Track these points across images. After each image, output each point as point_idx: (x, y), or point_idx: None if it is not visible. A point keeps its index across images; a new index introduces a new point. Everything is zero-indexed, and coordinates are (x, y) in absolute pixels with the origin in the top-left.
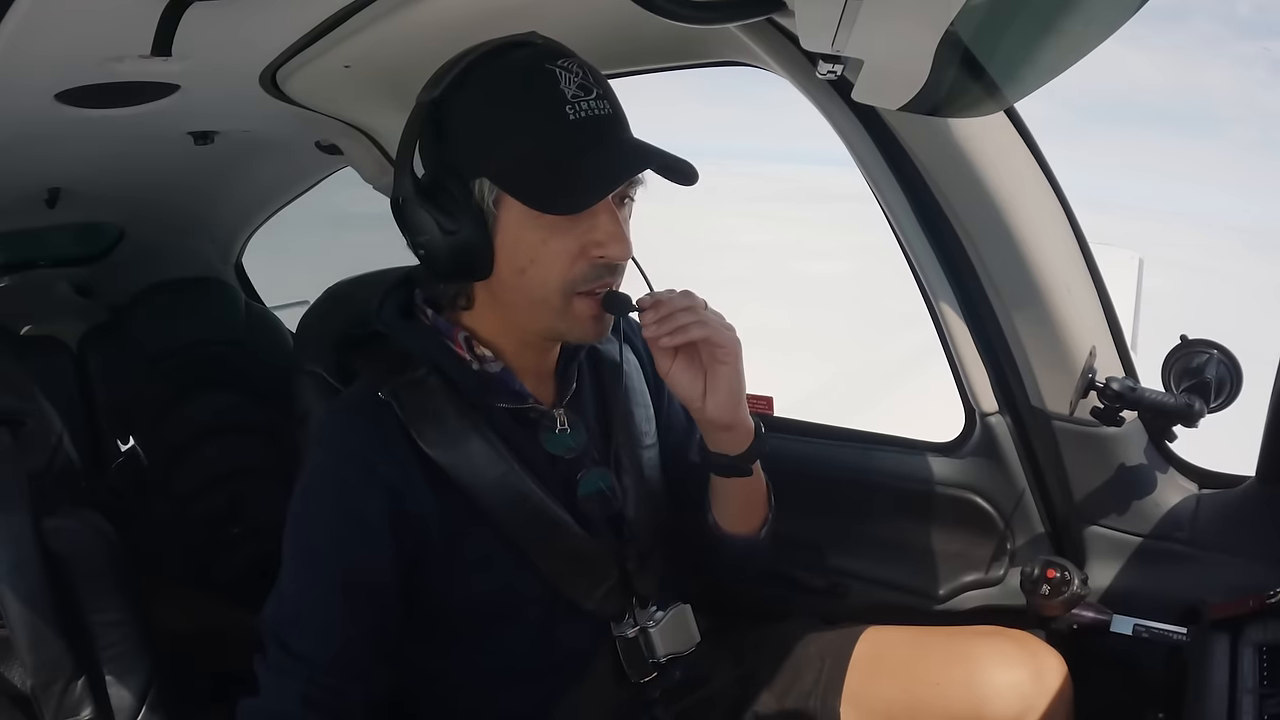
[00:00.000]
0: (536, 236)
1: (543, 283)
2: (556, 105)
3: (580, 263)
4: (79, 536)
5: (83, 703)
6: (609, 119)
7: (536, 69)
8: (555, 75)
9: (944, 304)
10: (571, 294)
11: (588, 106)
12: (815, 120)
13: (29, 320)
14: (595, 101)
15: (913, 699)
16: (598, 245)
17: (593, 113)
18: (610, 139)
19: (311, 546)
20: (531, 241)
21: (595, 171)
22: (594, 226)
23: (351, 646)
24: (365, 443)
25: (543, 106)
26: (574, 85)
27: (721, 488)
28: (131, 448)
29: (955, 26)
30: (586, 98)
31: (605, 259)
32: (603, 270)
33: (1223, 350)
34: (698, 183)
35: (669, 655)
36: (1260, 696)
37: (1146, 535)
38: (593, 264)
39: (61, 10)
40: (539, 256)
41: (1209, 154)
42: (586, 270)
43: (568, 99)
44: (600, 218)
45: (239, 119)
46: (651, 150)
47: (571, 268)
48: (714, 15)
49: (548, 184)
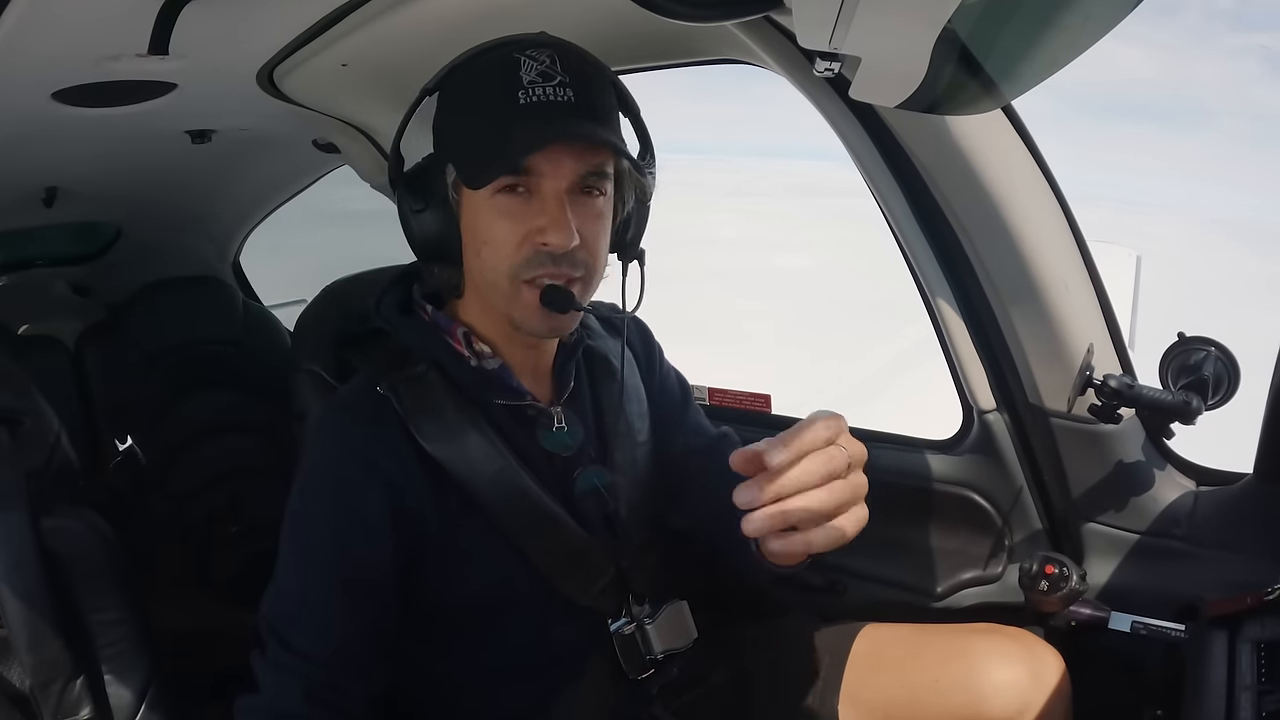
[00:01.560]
0: (488, 219)
1: (494, 266)
2: (510, 91)
3: (525, 248)
4: (77, 536)
5: (81, 702)
6: (564, 105)
7: (505, 59)
8: (519, 63)
9: (942, 302)
10: (519, 280)
11: (543, 92)
12: (799, 115)
13: (27, 319)
14: (554, 88)
15: (911, 696)
16: (540, 231)
17: (546, 98)
18: (552, 120)
19: (311, 543)
20: (484, 224)
21: (518, 146)
22: (539, 211)
23: (351, 643)
24: (364, 438)
25: (499, 92)
26: (534, 73)
27: None
28: (129, 447)
29: (952, 24)
30: (545, 84)
31: (547, 246)
32: (545, 258)
33: (1220, 347)
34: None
35: (666, 652)
36: (1258, 693)
37: (1144, 532)
38: (536, 249)
39: (58, 9)
40: (490, 239)
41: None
42: (530, 255)
43: (523, 85)
44: (548, 203)
45: (236, 117)
46: (586, 132)
47: (516, 252)
48: (712, 13)
49: (480, 160)
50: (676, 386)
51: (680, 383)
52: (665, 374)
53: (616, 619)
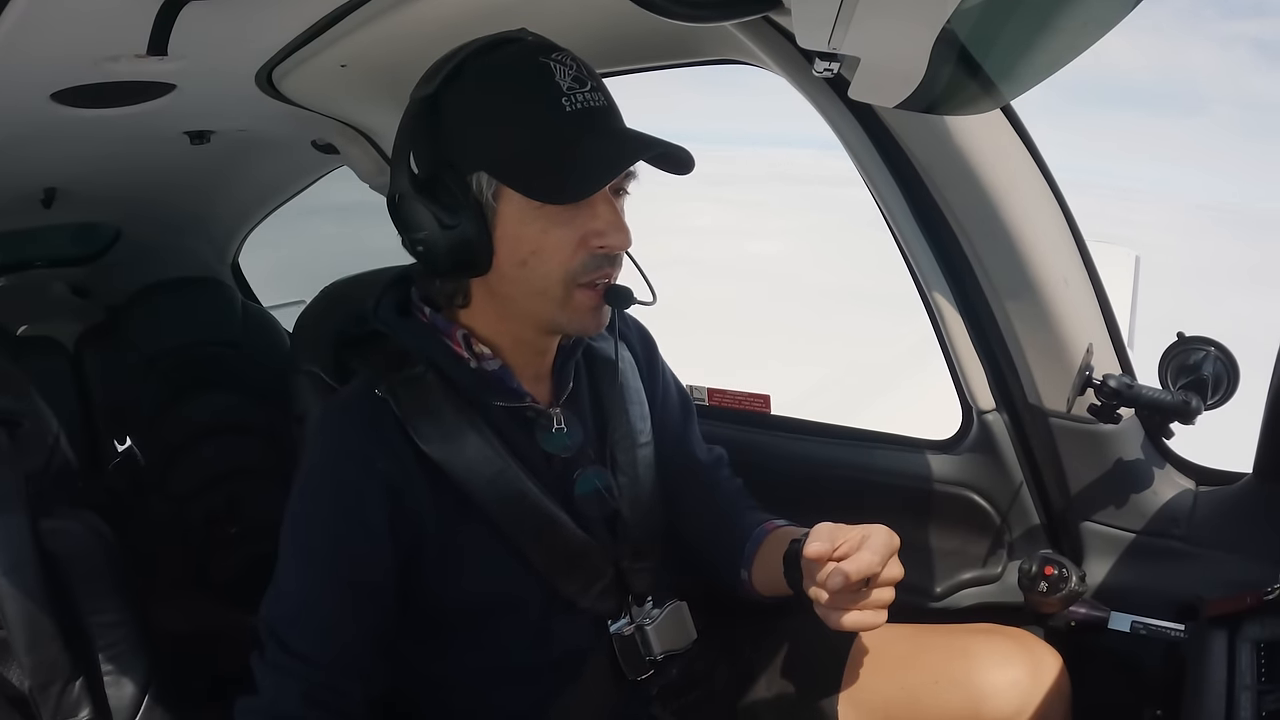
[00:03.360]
0: (537, 228)
1: (544, 274)
2: (553, 97)
3: (581, 253)
4: (76, 537)
5: (81, 703)
6: (604, 110)
7: (531, 62)
8: (550, 68)
9: (941, 301)
10: (573, 285)
11: (583, 98)
12: (782, 103)
13: (26, 321)
14: (590, 94)
15: (910, 696)
16: (598, 235)
17: (588, 104)
18: (607, 129)
19: (310, 545)
20: (532, 233)
21: (595, 160)
22: (594, 216)
23: (351, 645)
24: (362, 440)
25: (539, 99)
26: (569, 78)
27: (770, 550)
28: (128, 448)
29: (951, 24)
30: (581, 90)
31: (606, 248)
32: (602, 260)
33: (1219, 347)
34: None
35: (666, 653)
36: (1258, 693)
37: (1144, 532)
38: (593, 254)
39: (57, 10)
40: (540, 248)
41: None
42: (587, 260)
43: (564, 91)
44: (599, 207)
45: (235, 118)
46: (649, 139)
47: (573, 258)
48: (710, 13)
49: (548, 175)
50: (677, 398)
51: (681, 394)
52: (667, 384)
53: (616, 620)
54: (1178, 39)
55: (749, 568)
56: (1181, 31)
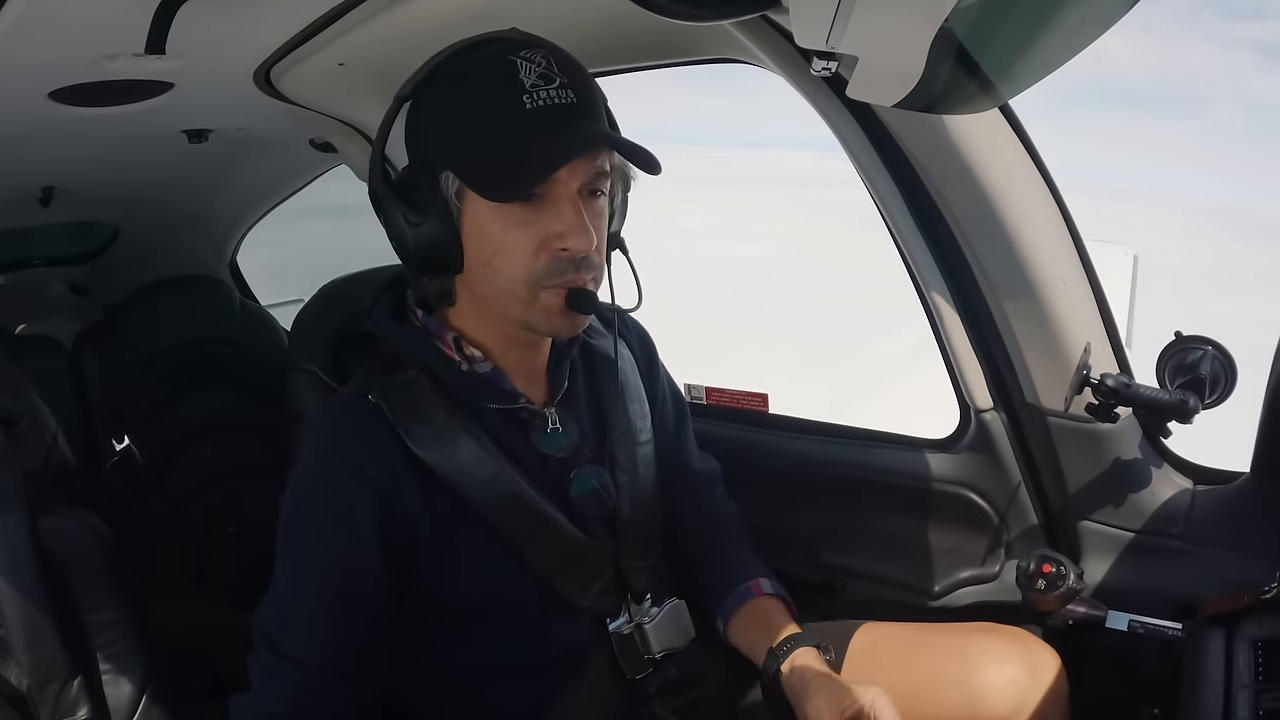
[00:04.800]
0: (498, 228)
1: (508, 275)
2: (514, 95)
3: (543, 254)
4: (74, 536)
5: (79, 702)
6: (569, 108)
7: (499, 61)
8: (516, 66)
9: (939, 300)
10: (537, 287)
11: (546, 95)
12: (780, 104)
13: (24, 319)
14: (556, 91)
15: (908, 695)
16: (559, 236)
17: (551, 101)
18: (565, 126)
19: (301, 549)
20: (494, 233)
21: (541, 156)
22: (556, 217)
23: (339, 650)
24: (354, 445)
25: (499, 97)
26: (534, 75)
27: (750, 626)
28: (127, 447)
29: (949, 23)
30: (547, 87)
31: (567, 251)
32: (566, 264)
33: (1217, 346)
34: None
35: (665, 651)
36: (1255, 691)
37: (1142, 531)
38: (555, 256)
39: (55, 9)
40: (501, 248)
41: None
42: (549, 263)
43: (525, 88)
44: (563, 208)
45: (233, 117)
46: (605, 134)
47: (534, 260)
48: (709, 12)
49: (497, 171)
50: (673, 403)
51: (677, 400)
52: (664, 386)
53: (615, 618)
54: (1177, 40)
55: (725, 621)
56: (1180, 32)
